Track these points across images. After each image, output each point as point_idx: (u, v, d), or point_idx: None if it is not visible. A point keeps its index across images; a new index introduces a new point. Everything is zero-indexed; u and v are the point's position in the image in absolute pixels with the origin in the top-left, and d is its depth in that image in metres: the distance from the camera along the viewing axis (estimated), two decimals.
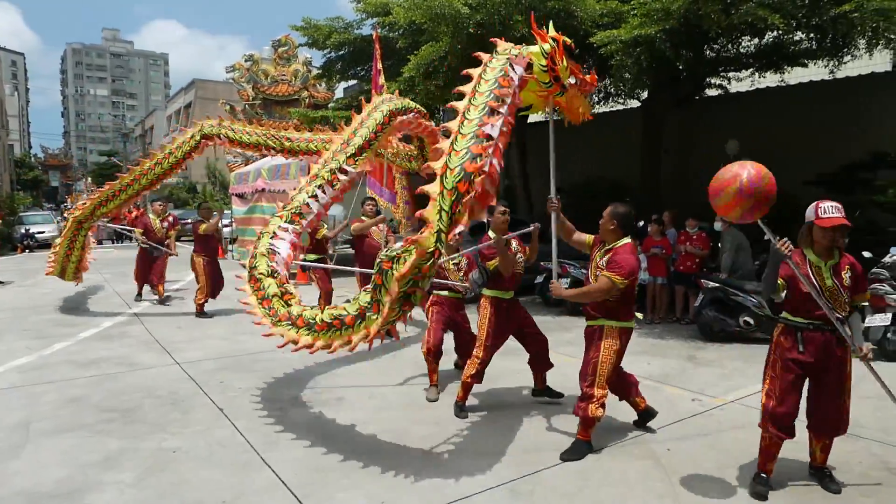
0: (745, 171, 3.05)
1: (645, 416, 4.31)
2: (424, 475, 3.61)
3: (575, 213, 5.19)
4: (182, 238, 26.22)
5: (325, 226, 7.05)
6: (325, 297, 7.81)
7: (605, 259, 3.86)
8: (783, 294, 3.33)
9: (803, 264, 3.27)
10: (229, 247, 18.23)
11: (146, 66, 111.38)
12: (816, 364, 3.27)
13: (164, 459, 3.86)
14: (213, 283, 8.65)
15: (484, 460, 3.81)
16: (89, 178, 44.91)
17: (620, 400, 4.32)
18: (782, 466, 3.57)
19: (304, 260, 7.15)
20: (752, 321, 6.87)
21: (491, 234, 4.61)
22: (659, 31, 7.13)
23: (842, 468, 3.64)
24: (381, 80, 10.50)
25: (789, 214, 10.44)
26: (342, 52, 13.97)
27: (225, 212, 21.25)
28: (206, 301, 8.69)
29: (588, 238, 4.16)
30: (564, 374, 5.06)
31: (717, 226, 8.55)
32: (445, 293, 5.27)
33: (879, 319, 6.10)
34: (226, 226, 21.01)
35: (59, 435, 4.27)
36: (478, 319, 4.70)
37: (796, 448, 3.62)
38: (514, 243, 4.71)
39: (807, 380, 3.37)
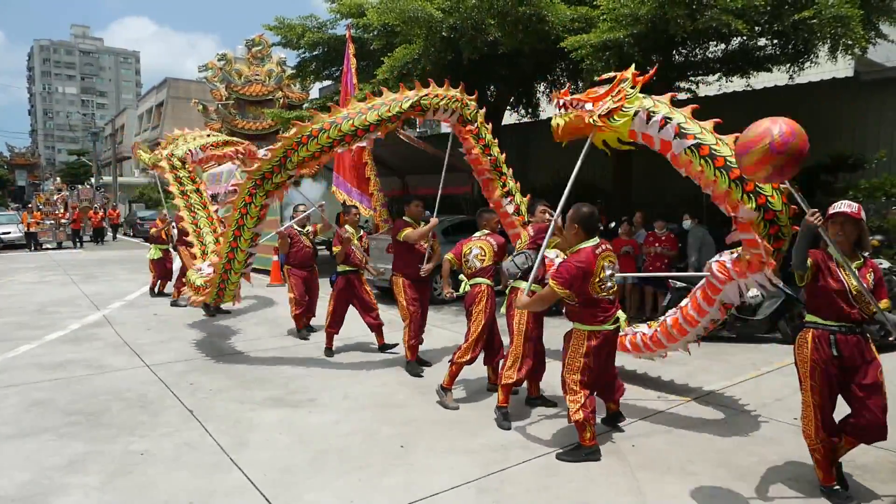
0: (776, 127, 2.91)
1: (613, 417, 4.38)
2: (393, 474, 3.65)
3: None
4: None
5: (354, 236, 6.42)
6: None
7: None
8: (802, 286, 3.30)
9: (830, 260, 3.24)
10: None
11: (117, 63, 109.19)
12: (848, 367, 3.21)
13: (131, 462, 3.83)
14: (302, 295, 7.31)
15: (452, 458, 3.86)
16: (58, 178, 43.89)
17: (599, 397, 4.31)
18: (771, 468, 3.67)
19: (336, 272, 6.52)
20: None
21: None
22: (627, 35, 7.27)
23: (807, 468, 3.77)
24: (355, 79, 10.48)
25: None
26: (316, 52, 13.93)
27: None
28: (301, 314, 7.36)
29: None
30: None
31: (686, 224, 8.74)
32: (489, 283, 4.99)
33: None
34: None
35: (22, 438, 4.21)
36: (510, 316, 4.58)
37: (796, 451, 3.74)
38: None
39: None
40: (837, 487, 3.32)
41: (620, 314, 4.00)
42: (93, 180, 34.31)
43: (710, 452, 3.97)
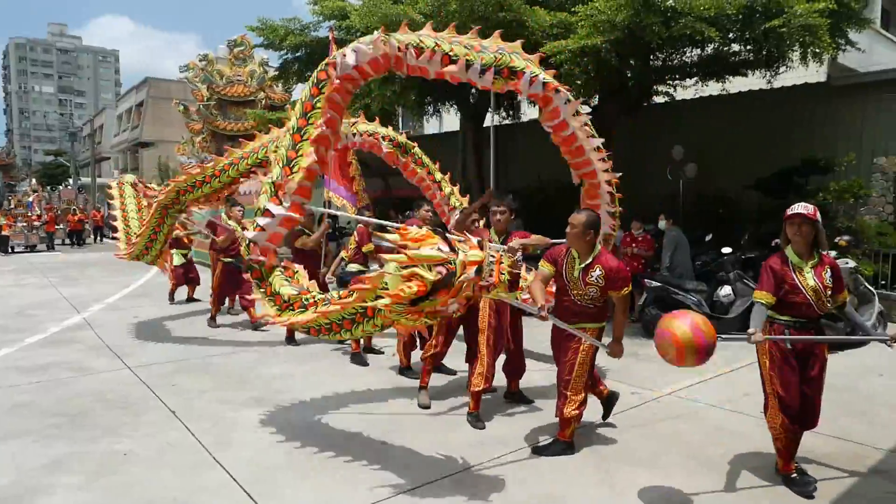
0: (681, 329, 3.12)
1: (609, 401, 4.45)
2: (373, 470, 3.74)
3: (528, 215, 5.42)
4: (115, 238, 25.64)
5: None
6: None
7: (595, 274, 3.79)
8: None
9: (785, 265, 3.42)
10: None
11: (95, 62, 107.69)
12: (800, 360, 3.42)
13: (115, 462, 3.88)
14: None
15: (431, 454, 3.97)
16: (34, 179, 43.24)
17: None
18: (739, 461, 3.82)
19: (347, 272, 6.46)
20: None
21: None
22: (605, 41, 7.43)
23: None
24: None
25: (730, 216, 11.03)
26: (299, 53, 13.94)
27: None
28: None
29: (549, 268, 3.97)
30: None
31: (662, 224, 8.95)
32: None
33: None
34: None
35: (5, 441, 4.23)
36: (480, 320, 4.62)
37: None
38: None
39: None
40: (795, 476, 3.48)
41: None
42: (71, 181, 33.78)
43: (680, 445, 4.12)
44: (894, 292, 8.42)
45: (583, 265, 3.85)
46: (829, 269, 3.42)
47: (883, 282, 8.48)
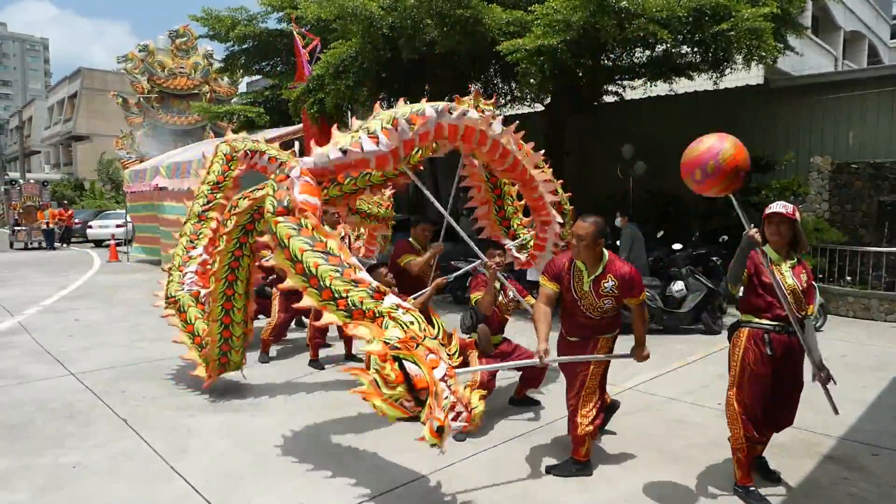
0: (721, 144, 3.01)
1: (610, 409, 4.24)
2: (340, 474, 3.65)
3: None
4: (73, 240, 23.99)
5: None
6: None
7: (608, 285, 3.52)
8: (740, 289, 3.34)
9: (764, 260, 3.28)
10: (124, 248, 17.14)
11: (23, 50, 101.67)
12: (779, 365, 3.28)
13: (63, 475, 3.65)
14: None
15: (400, 456, 3.90)
16: None
17: None
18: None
19: None
20: None
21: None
22: (560, 41, 7.50)
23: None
24: (309, 67, 10.31)
25: (677, 213, 11.38)
26: (246, 45, 13.59)
27: (117, 211, 19.77)
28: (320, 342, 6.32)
29: (553, 287, 3.66)
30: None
31: (618, 221, 9.14)
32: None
33: None
34: (119, 226, 19.71)
35: None
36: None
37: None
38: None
39: None
40: (753, 488, 3.35)
41: None
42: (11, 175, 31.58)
43: (644, 439, 4.20)
44: (831, 285, 8.88)
45: (593, 277, 3.55)
46: (804, 274, 3.34)
47: (821, 275, 8.92)
